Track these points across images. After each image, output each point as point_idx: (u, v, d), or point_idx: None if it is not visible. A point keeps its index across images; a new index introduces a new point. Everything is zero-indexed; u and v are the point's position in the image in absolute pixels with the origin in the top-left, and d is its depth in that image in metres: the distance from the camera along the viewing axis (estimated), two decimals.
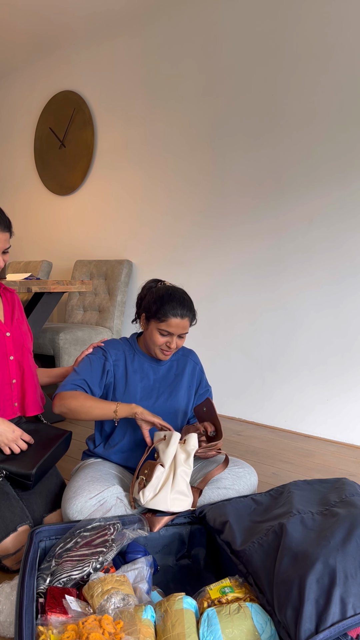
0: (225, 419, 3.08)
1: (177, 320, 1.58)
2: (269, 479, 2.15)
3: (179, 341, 1.63)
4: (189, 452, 1.47)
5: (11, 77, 4.58)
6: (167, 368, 1.73)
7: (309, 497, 1.38)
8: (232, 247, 3.05)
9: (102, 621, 0.98)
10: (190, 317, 1.63)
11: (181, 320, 1.59)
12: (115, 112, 3.69)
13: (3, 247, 1.56)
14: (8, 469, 1.48)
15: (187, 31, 3.20)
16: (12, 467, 1.47)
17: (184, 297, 1.64)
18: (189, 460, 1.46)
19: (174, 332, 1.59)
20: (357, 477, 2.18)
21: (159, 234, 3.45)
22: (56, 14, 3.50)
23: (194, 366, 1.79)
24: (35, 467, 1.47)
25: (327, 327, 2.69)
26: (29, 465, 1.48)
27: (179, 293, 1.64)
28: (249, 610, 1.04)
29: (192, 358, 1.80)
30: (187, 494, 1.42)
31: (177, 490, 1.40)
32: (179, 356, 1.78)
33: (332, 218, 2.63)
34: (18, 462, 1.49)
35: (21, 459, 1.50)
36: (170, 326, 1.58)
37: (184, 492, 1.42)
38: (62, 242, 4.19)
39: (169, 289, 1.65)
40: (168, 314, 1.57)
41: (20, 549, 1.39)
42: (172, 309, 1.58)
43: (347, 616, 0.96)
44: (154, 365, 1.71)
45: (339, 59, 2.55)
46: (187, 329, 1.63)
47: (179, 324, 1.58)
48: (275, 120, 2.82)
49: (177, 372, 1.74)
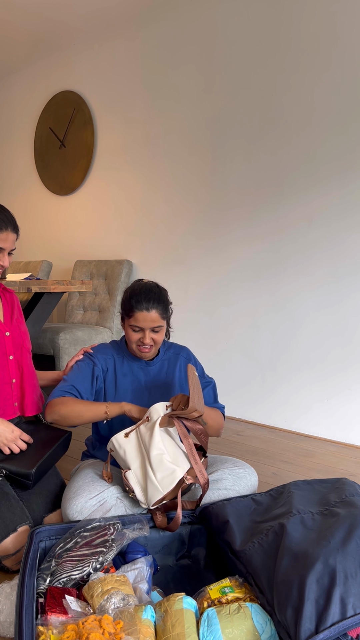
0: (226, 419, 3.08)
1: (143, 313, 1.56)
2: (269, 479, 2.15)
3: (154, 336, 1.61)
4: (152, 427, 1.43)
5: (11, 77, 4.58)
6: (158, 368, 1.72)
7: (309, 497, 1.38)
8: (232, 247, 3.05)
9: (102, 621, 0.98)
10: (158, 309, 1.59)
11: (148, 313, 1.57)
12: (115, 113, 3.69)
13: (10, 248, 1.57)
14: (8, 469, 1.47)
15: (188, 32, 3.20)
16: (12, 467, 1.47)
17: (152, 290, 1.61)
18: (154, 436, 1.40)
19: (143, 326, 1.58)
20: (357, 477, 2.18)
21: (159, 234, 3.45)
22: (56, 14, 3.50)
23: (186, 362, 1.77)
24: (35, 466, 1.47)
25: (327, 327, 2.69)
26: (28, 464, 1.48)
27: (146, 287, 1.62)
28: (249, 610, 1.04)
29: (183, 355, 1.78)
30: (171, 467, 1.37)
31: (159, 470, 1.37)
32: (169, 355, 1.76)
33: (331, 218, 2.63)
34: (18, 462, 1.49)
35: (21, 459, 1.50)
36: (138, 320, 1.57)
37: (167, 468, 1.37)
38: (62, 242, 4.19)
39: (136, 284, 1.64)
40: (134, 308, 1.57)
41: (20, 549, 1.39)
42: (137, 303, 1.57)
43: (347, 616, 0.96)
44: (144, 367, 1.70)
45: (338, 60, 2.55)
46: (159, 322, 1.60)
47: (146, 317, 1.57)
48: (275, 121, 2.82)
49: (169, 372, 1.73)
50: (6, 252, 1.57)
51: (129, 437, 1.46)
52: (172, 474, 1.36)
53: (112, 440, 1.47)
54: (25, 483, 1.48)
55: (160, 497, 1.35)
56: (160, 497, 1.35)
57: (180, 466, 1.39)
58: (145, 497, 1.37)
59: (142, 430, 1.45)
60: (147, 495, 1.37)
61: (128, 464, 1.42)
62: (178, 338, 3.26)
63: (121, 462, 1.46)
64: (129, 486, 1.39)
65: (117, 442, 1.46)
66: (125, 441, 1.46)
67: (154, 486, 1.36)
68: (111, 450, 1.49)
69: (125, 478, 1.40)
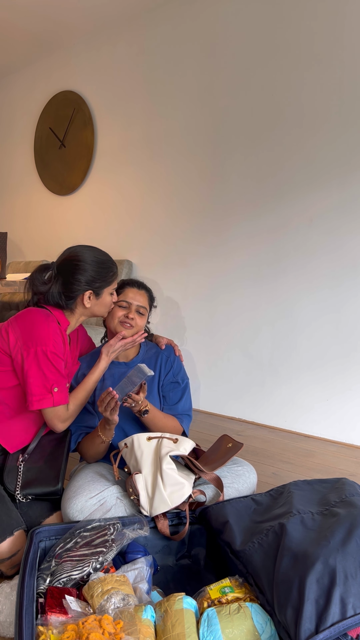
0: (226, 419, 3.08)
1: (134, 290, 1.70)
2: (269, 479, 2.15)
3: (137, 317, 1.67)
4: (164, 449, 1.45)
5: (11, 77, 4.59)
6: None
7: (309, 497, 1.38)
8: (232, 247, 3.05)
9: (102, 621, 0.98)
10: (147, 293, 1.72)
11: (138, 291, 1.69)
12: (115, 113, 3.69)
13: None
14: (33, 492, 1.48)
15: (188, 31, 3.20)
16: (37, 490, 1.48)
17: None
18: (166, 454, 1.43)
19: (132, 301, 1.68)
20: (357, 477, 2.18)
21: (159, 234, 3.45)
22: (56, 13, 3.50)
23: (165, 359, 1.75)
24: (59, 481, 1.48)
25: (327, 327, 2.69)
26: (51, 482, 1.48)
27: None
28: (249, 610, 1.04)
29: (165, 353, 1.77)
30: (181, 481, 1.39)
31: (169, 484, 1.38)
32: (150, 354, 1.76)
33: (332, 219, 2.63)
34: (39, 483, 1.49)
35: (41, 479, 1.50)
36: (128, 296, 1.67)
37: (177, 482, 1.38)
38: (62, 242, 4.18)
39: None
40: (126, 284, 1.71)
41: (15, 553, 1.38)
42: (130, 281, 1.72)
43: (347, 616, 0.96)
44: (123, 369, 1.72)
45: (339, 60, 2.55)
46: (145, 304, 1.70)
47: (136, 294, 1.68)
48: (275, 121, 2.82)
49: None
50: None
51: (150, 442, 1.47)
52: (181, 490, 1.38)
53: (133, 438, 1.47)
54: (55, 499, 1.50)
55: (166, 510, 1.37)
56: (165, 511, 1.37)
57: (188, 481, 1.41)
58: (150, 506, 1.38)
59: (165, 443, 1.46)
60: (152, 505, 1.37)
61: (140, 467, 1.42)
62: (178, 338, 3.26)
63: (132, 462, 1.46)
64: (135, 489, 1.38)
65: (137, 442, 1.46)
66: (146, 444, 1.46)
67: (163, 499, 1.36)
68: (125, 446, 1.49)
69: (134, 480, 1.39)
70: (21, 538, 1.40)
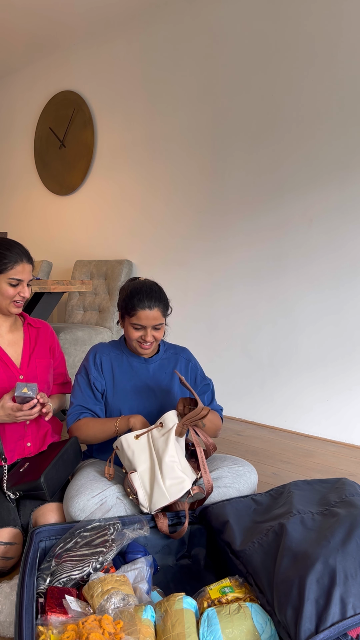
0: (226, 419, 3.08)
1: (145, 312, 1.59)
2: (269, 479, 2.15)
3: (154, 333, 1.63)
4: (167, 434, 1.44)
5: (11, 77, 4.59)
6: (158, 367, 1.73)
7: (309, 497, 1.38)
8: (232, 247, 3.05)
9: (102, 621, 0.98)
10: (160, 307, 1.62)
11: (150, 312, 1.59)
12: (115, 113, 3.69)
13: (28, 279, 1.60)
14: (20, 489, 1.48)
15: (187, 31, 3.20)
16: (23, 485, 1.48)
17: (152, 288, 1.64)
18: (169, 443, 1.42)
19: (145, 324, 1.60)
20: (357, 477, 2.18)
21: (159, 234, 3.45)
22: (56, 14, 3.50)
23: (186, 363, 1.78)
24: (42, 474, 1.46)
25: (327, 327, 2.69)
26: (36, 476, 1.47)
27: (146, 285, 1.64)
28: (249, 610, 1.04)
29: (183, 355, 1.79)
30: (181, 476, 1.38)
31: (169, 477, 1.38)
32: (169, 354, 1.77)
33: (332, 219, 2.63)
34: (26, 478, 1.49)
35: (29, 474, 1.50)
36: (140, 319, 1.59)
37: (177, 477, 1.38)
38: (62, 242, 4.19)
39: (136, 283, 1.66)
40: (136, 307, 1.59)
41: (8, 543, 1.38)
42: (140, 302, 1.59)
43: (347, 616, 0.96)
44: (143, 365, 1.71)
45: (339, 59, 2.55)
46: (160, 320, 1.62)
47: (148, 315, 1.59)
48: (275, 121, 2.82)
49: (168, 371, 1.74)
50: (25, 283, 1.59)
51: (139, 439, 1.46)
52: (181, 483, 1.38)
53: (120, 439, 1.47)
54: (40, 494, 1.47)
55: (166, 504, 1.36)
56: (165, 505, 1.36)
57: (189, 477, 1.40)
58: (149, 502, 1.38)
59: (155, 435, 1.46)
60: (151, 500, 1.37)
61: (134, 466, 1.42)
62: (178, 338, 3.26)
63: (126, 463, 1.46)
64: (132, 488, 1.39)
65: (126, 442, 1.46)
66: (135, 442, 1.46)
67: (162, 492, 1.36)
68: (117, 449, 1.49)
69: (130, 479, 1.40)
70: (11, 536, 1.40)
